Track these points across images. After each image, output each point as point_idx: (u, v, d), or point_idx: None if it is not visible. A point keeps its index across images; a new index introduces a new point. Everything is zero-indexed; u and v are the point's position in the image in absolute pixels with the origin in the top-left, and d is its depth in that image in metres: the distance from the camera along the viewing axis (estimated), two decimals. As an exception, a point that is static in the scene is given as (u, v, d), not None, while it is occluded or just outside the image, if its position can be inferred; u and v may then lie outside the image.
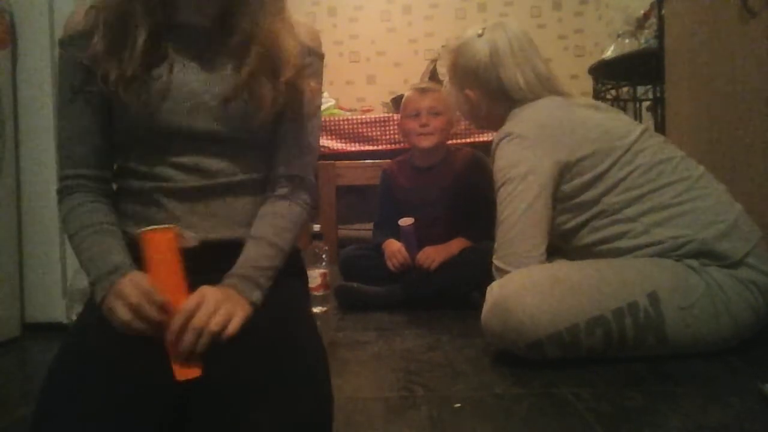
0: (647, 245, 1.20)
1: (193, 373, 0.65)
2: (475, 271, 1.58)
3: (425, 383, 1.05)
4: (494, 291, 1.19)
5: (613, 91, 2.57)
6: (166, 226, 0.76)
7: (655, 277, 1.14)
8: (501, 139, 1.31)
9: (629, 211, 1.22)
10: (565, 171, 1.25)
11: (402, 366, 1.15)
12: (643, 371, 1.09)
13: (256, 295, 0.75)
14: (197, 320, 0.66)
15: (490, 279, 1.26)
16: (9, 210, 1.56)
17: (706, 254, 1.16)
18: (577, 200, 1.26)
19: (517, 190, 1.25)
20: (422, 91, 1.92)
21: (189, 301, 0.68)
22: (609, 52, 2.38)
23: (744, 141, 1.52)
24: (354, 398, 0.98)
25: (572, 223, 1.28)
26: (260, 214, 0.84)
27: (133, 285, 0.69)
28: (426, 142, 1.87)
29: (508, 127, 1.32)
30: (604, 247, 1.25)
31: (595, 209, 1.25)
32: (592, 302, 1.12)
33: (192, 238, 0.79)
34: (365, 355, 1.24)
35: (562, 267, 1.22)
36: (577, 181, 1.25)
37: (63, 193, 0.83)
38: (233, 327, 0.68)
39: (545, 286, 1.14)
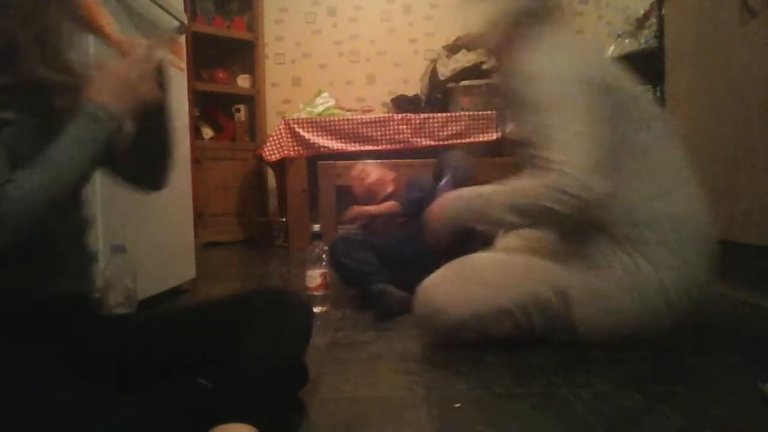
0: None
1: None
2: None
3: (425, 383, 1.04)
4: (425, 280, 1.27)
5: (613, 91, 2.57)
6: None
7: (565, 273, 1.17)
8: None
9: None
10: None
11: (402, 366, 1.15)
12: (643, 371, 1.09)
13: None
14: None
15: None
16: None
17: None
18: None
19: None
20: None
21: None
22: (609, 52, 2.38)
23: (744, 141, 1.52)
24: (354, 398, 0.98)
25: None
26: None
27: None
28: None
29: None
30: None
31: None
32: (497, 293, 1.19)
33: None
34: (365, 355, 1.24)
35: (478, 258, 1.28)
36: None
37: None
38: None
39: (456, 277, 1.24)
